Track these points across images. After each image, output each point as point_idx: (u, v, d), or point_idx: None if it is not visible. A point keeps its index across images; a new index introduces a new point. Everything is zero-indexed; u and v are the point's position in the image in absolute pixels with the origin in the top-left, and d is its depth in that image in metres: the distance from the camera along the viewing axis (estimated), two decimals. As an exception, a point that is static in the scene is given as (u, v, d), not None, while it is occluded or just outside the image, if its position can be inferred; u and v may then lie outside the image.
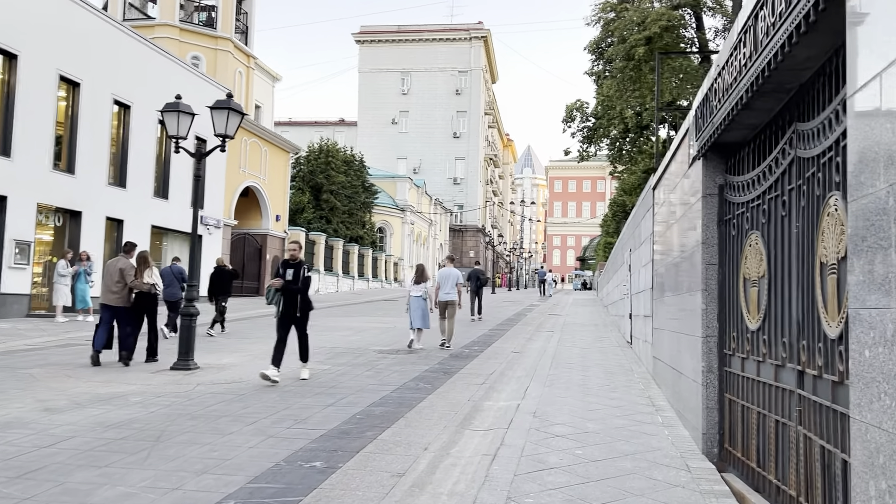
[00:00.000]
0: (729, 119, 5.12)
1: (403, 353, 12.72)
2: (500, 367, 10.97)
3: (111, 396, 8.03)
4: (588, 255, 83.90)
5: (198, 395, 8.26)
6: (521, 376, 10.10)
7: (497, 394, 8.69)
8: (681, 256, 7.41)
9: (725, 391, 5.95)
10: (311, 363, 11.02)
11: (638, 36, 24.59)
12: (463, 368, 10.81)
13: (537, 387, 9.12)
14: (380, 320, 20.42)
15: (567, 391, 8.88)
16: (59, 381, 8.93)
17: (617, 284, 20.40)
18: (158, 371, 9.93)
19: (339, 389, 8.82)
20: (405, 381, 9.55)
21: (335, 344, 13.91)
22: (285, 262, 9.60)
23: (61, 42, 19.15)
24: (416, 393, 8.63)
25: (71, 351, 12.07)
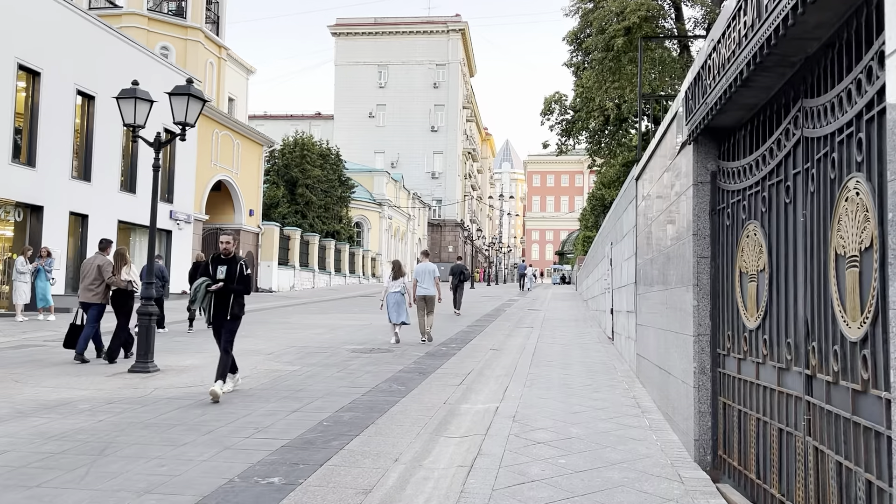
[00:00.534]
0: (725, 98, 4.67)
1: (378, 351, 12.21)
2: (479, 366, 10.51)
3: (58, 403, 7.44)
4: (567, 250, 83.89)
5: (153, 400, 7.69)
6: (500, 375, 9.65)
7: (475, 395, 8.23)
8: (668, 249, 6.98)
9: (719, 394, 5.53)
10: (279, 363, 10.50)
11: (617, 26, 24.21)
12: (439, 368, 10.33)
13: (517, 387, 8.67)
14: (355, 317, 19.87)
15: (548, 391, 8.43)
16: (5, 387, 8.30)
17: (597, 279, 20.04)
18: (115, 374, 9.34)
19: (307, 393, 8.29)
20: (378, 382, 9.05)
21: (307, 343, 13.36)
22: (216, 257, 8.15)
23: (20, 30, 18.33)
24: (388, 396, 8.14)
25: (24, 353, 11.41)
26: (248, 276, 8.08)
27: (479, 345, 13.51)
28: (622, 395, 8.29)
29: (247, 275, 8.06)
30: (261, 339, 13.97)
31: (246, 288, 8.05)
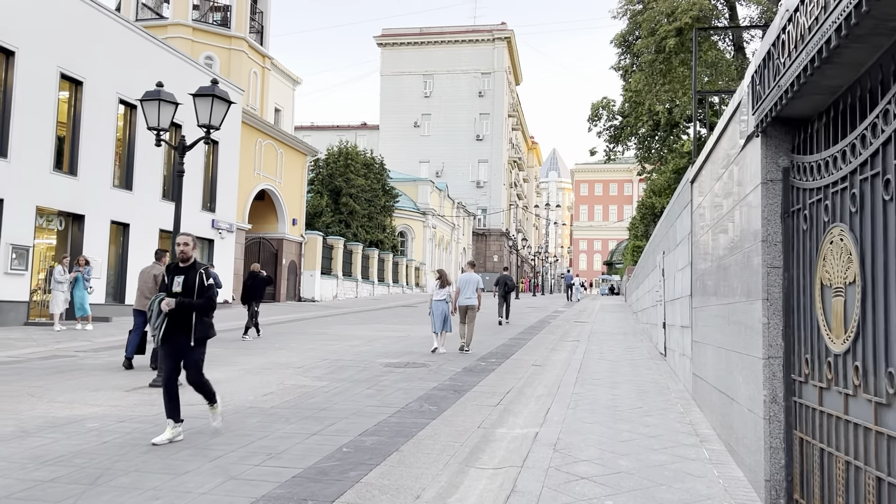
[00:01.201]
0: (805, 77, 3.91)
1: (413, 366, 11.58)
2: (519, 384, 9.79)
3: (67, 421, 6.99)
4: (615, 260, 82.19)
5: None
6: (541, 395, 8.91)
7: (513, 418, 7.52)
8: (730, 258, 6.18)
9: (795, 428, 4.72)
10: (308, 378, 9.96)
11: (668, 27, 23.28)
12: (476, 386, 9.64)
13: (559, 409, 7.92)
14: (394, 328, 19.31)
15: (594, 415, 7.67)
16: (18, 401, 7.93)
17: (648, 290, 19.07)
18: (135, 389, 8.90)
19: (331, 413, 7.70)
20: (409, 401, 8.41)
21: (340, 356, 12.81)
22: (173, 266, 6.59)
23: (63, 40, 18.39)
24: (418, 417, 7.49)
25: (51, 363, 11.12)
26: (210, 287, 6.41)
27: (521, 360, 12.77)
28: (677, 421, 7.47)
29: (208, 285, 6.40)
30: (294, 351, 13.50)
31: (208, 302, 6.38)
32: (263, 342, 15.19)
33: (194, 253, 6.68)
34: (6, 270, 16.79)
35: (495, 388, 9.49)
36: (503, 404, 8.30)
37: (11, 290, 16.98)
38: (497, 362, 12.29)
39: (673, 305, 11.47)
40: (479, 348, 14.50)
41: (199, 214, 25.03)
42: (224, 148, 26.22)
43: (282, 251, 31.94)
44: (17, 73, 17.08)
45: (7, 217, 16.81)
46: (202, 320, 6.41)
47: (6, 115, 16.89)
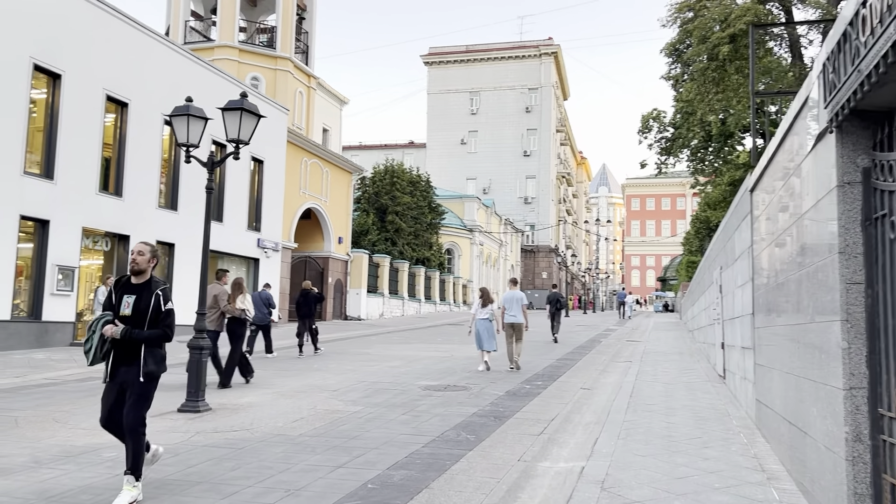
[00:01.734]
0: (894, 56, 3.27)
1: (453, 389, 11.02)
2: (565, 410, 9.14)
3: (84, 450, 6.66)
4: (669, 276, 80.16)
5: (187, 449, 6.79)
6: (589, 423, 8.26)
7: (557, 449, 6.90)
8: (800, 273, 5.48)
9: (884, 471, 4.01)
10: (342, 402, 9.50)
11: (721, 34, 22.40)
12: (519, 412, 9.02)
13: (609, 439, 7.26)
14: (437, 348, 18.79)
15: (647, 446, 6.98)
16: (41, 428, 7.66)
17: (704, 308, 18.13)
18: (162, 414, 8.57)
19: (361, 442, 7.19)
20: (445, 429, 7.85)
21: (379, 378, 12.34)
22: (124, 282, 5.34)
23: (109, 62, 18.59)
24: (454, 448, 6.93)
25: (84, 387, 10.93)
26: (168, 314, 5.19)
27: (569, 382, 12.08)
28: (740, 454, 6.73)
29: (167, 311, 5.18)
30: (332, 372, 13.09)
31: (164, 334, 5.19)
32: (302, 363, 14.85)
33: (150, 267, 5.31)
34: (52, 291, 16.89)
35: (540, 414, 8.87)
36: (547, 433, 7.69)
37: (58, 310, 17.07)
38: (543, 385, 11.65)
39: (732, 324, 10.67)
40: (525, 369, 13.89)
41: (244, 234, 25.05)
42: (269, 167, 26.26)
43: (327, 270, 31.82)
44: (64, 96, 17.28)
45: (53, 238, 16.94)
46: (153, 352, 5.17)
47: (53, 137, 17.08)
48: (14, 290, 16.18)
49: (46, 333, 16.74)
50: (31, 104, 16.62)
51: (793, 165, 5.73)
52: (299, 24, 32.98)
